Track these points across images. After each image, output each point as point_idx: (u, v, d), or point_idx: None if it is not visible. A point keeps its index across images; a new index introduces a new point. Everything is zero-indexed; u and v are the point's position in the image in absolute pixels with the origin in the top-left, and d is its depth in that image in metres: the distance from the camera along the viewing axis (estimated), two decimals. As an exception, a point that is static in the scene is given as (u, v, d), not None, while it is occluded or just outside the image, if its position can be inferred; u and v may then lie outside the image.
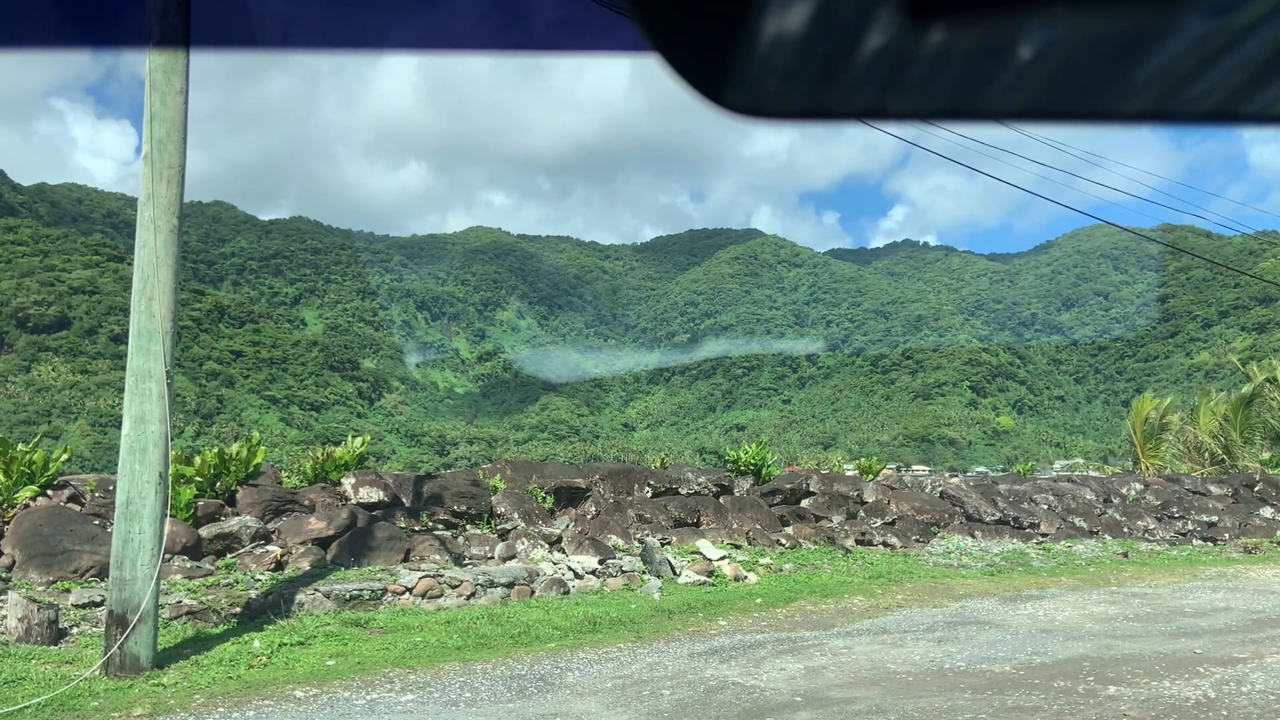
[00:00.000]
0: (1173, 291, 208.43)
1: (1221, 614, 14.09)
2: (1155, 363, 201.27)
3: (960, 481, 22.59)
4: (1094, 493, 24.09)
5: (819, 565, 16.64)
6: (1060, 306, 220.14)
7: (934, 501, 21.03)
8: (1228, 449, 38.04)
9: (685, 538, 16.60)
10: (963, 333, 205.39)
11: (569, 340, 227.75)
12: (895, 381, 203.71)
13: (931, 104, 0.74)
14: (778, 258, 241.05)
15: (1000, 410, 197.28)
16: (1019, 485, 23.50)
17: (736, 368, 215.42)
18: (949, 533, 20.32)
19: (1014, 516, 21.50)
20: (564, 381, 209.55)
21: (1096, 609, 14.46)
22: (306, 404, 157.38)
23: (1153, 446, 37.18)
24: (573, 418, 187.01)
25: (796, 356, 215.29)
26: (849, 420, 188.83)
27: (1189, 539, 22.95)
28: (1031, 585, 16.58)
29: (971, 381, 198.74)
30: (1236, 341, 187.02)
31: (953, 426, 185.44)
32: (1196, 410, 39.69)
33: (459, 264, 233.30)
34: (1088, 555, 20.23)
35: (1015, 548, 20.15)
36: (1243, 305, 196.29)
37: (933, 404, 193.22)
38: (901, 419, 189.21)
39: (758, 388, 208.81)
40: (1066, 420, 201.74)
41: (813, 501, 19.55)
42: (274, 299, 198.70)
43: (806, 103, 0.75)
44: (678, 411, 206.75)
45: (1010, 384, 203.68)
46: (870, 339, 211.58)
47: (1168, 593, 16.05)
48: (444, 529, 14.70)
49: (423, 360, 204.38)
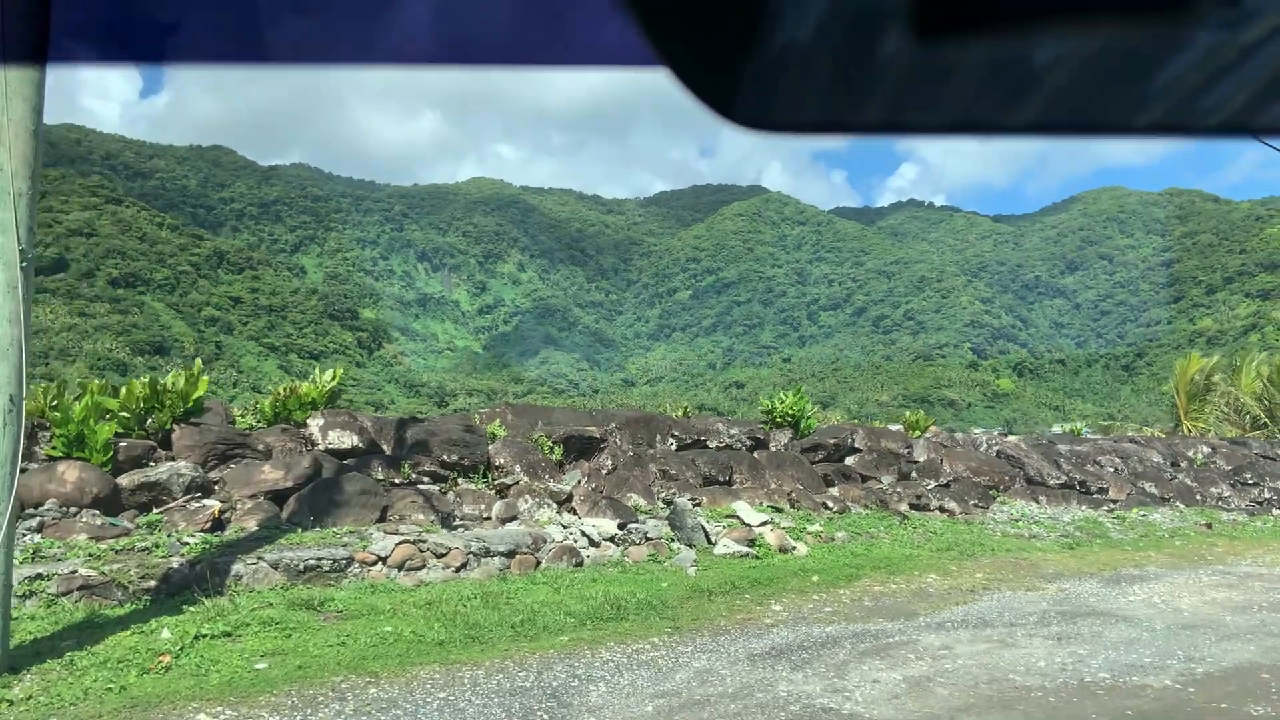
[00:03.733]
0: (1178, 256, 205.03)
1: (1375, 604, 11.41)
2: (1157, 328, 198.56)
3: (1018, 440, 19.84)
4: (1161, 455, 21.37)
5: (875, 534, 13.92)
6: (1064, 270, 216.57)
7: (991, 462, 18.29)
8: (1271, 412, 35.33)
9: (717, 498, 13.86)
10: (965, 294, 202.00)
11: (570, 294, 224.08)
12: (896, 342, 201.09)
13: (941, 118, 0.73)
14: (782, 215, 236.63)
15: (1000, 373, 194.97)
16: (1079, 446, 20.77)
17: (737, 325, 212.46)
18: (1010, 497, 17.61)
19: (1080, 480, 18.78)
20: (564, 335, 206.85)
21: (1218, 594, 11.77)
22: (305, 352, 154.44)
23: (1197, 408, 34.48)
24: (572, 372, 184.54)
25: (798, 315, 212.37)
26: (849, 380, 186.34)
27: (1268, 508, 20.28)
28: (1125, 562, 13.89)
29: (973, 343, 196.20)
30: (1240, 308, 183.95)
31: (952, 388, 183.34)
32: (1238, 371, 36.91)
33: (460, 215, 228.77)
34: (1168, 526, 17.55)
35: (1086, 515, 17.45)
36: (1248, 272, 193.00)
37: (933, 365, 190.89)
38: (901, 379, 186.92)
39: (758, 345, 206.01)
40: (1066, 384, 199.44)
41: (859, 459, 16.80)
42: (273, 246, 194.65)
43: (815, 116, 0.74)
44: (677, 368, 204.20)
45: (1011, 346, 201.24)
46: (872, 299, 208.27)
47: (1261, 573, 13.37)
48: (431, 483, 11.94)
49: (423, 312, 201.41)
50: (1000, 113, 0.74)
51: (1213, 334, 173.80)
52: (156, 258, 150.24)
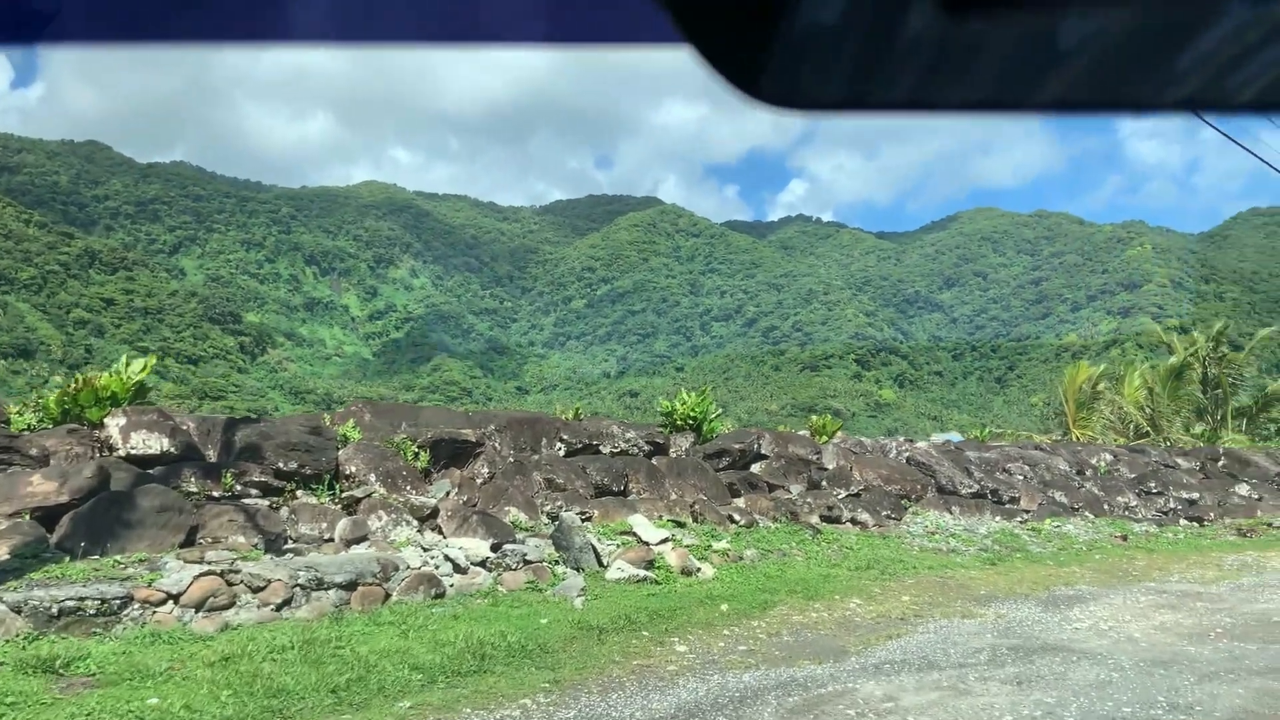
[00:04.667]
0: (1046, 275, 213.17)
1: (1330, 626, 10.20)
2: (1027, 342, 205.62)
3: (928, 447, 18.49)
4: (1067, 462, 20.38)
5: (787, 551, 12.16)
6: (942, 285, 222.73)
7: (903, 469, 16.85)
8: (1154, 421, 35.42)
9: (611, 511, 11.90)
10: (850, 307, 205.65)
11: (464, 301, 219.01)
12: (785, 353, 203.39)
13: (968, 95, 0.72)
14: (676, 227, 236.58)
15: (883, 383, 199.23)
16: (987, 452, 19.58)
17: (632, 335, 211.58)
18: (923, 507, 16.17)
19: (991, 489, 17.51)
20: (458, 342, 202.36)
21: (1164, 618, 10.41)
22: (183, 357, 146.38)
23: (1084, 416, 34.24)
24: (465, 379, 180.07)
25: (691, 325, 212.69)
26: (739, 389, 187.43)
27: (1174, 518, 19.44)
28: (1054, 580, 12.48)
29: (857, 355, 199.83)
30: (1103, 324, 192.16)
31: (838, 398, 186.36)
32: (1122, 380, 36.97)
33: (351, 219, 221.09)
34: (1084, 538, 16.38)
35: (1002, 527, 16.13)
36: (1109, 290, 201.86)
37: (820, 375, 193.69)
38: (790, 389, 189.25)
39: (653, 354, 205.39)
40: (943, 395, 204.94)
41: (765, 466, 15.09)
42: (151, 246, 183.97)
43: (840, 94, 0.72)
44: (572, 376, 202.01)
45: (893, 359, 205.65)
46: (763, 310, 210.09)
47: (1225, 592, 12.16)
48: (261, 496, 9.63)
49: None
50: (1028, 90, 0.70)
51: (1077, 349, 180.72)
52: (22, 256, 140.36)
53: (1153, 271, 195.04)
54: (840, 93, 0.73)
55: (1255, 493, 22.00)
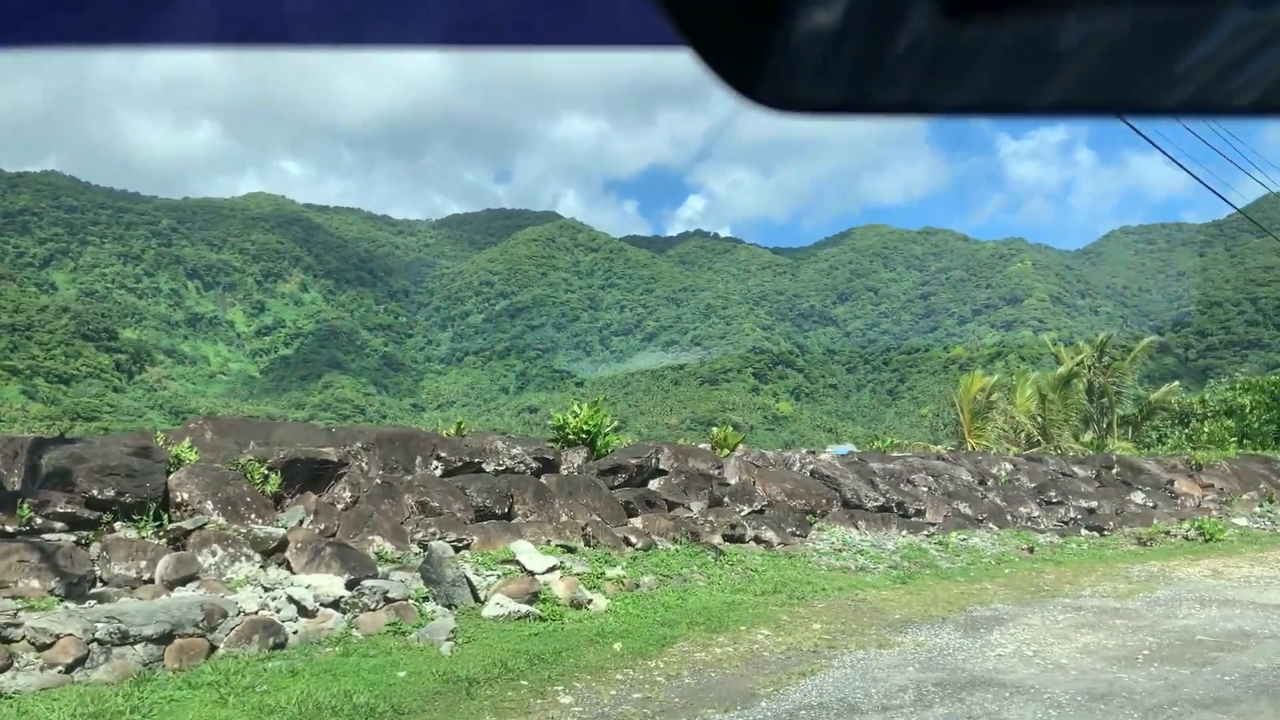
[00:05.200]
0: (934, 290, 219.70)
1: (1251, 642, 9.67)
2: (916, 355, 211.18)
3: (832, 459, 17.77)
4: (969, 473, 19.97)
5: (688, 576, 11.10)
6: (836, 300, 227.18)
7: (807, 483, 16.04)
8: (1045, 430, 35.88)
9: (493, 537, 10.65)
10: (748, 321, 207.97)
11: (358, 316, 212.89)
12: (684, 366, 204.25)
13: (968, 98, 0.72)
14: (575, 242, 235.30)
15: (780, 396, 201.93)
16: (890, 464, 18.98)
17: (531, 350, 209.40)
18: (829, 522, 15.37)
19: (897, 501, 16.86)
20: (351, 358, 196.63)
21: (1087, 639, 9.72)
22: (54, 376, 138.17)
23: (979, 426, 34.39)
24: (359, 397, 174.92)
25: (591, 340, 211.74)
26: (639, 403, 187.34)
27: (1075, 528, 19.17)
28: (968, 599, 11.75)
29: (754, 369, 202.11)
30: (987, 338, 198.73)
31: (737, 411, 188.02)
32: (1014, 390, 37.39)
33: (237, 231, 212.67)
34: (992, 551, 15.83)
35: (910, 542, 15.44)
36: (993, 305, 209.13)
37: (718, 389, 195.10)
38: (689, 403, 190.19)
39: (552, 369, 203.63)
40: (838, 407, 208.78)
41: (664, 483, 14.05)
42: (19, 260, 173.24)
43: (840, 97, 0.72)
44: (470, 392, 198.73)
45: (789, 372, 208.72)
46: (662, 324, 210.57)
47: (1142, 607, 11.62)
48: (68, 530, 8.07)
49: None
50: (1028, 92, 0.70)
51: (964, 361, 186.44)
52: None
53: (1033, 286, 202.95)
54: (840, 96, 0.72)
55: (1149, 500, 22.05)
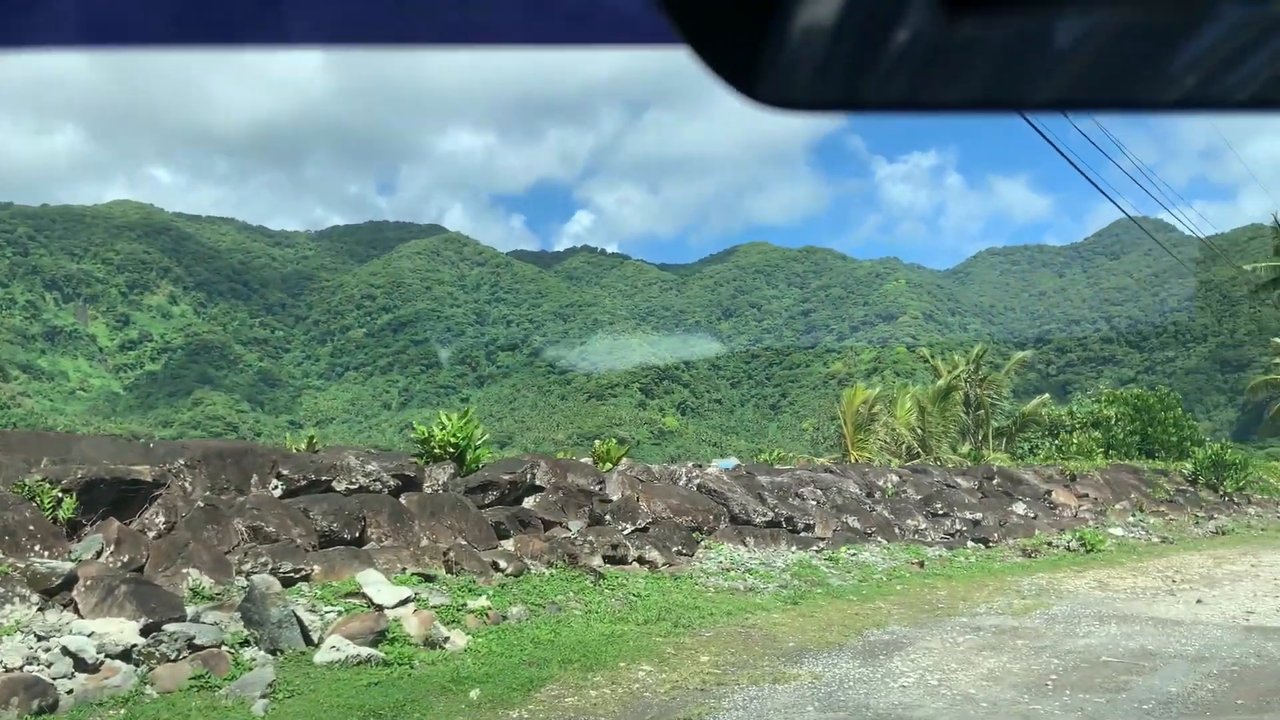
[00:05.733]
0: (814, 307, 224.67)
1: (1158, 663, 9.11)
2: (798, 370, 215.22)
3: (719, 472, 16.89)
4: (857, 485, 19.42)
5: (563, 604, 9.94)
6: (721, 316, 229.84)
7: (694, 498, 15.10)
8: (924, 442, 36.16)
9: (339, 567, 9.27)
10: (635, 336, 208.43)
11: (231, 330, 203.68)
12: (571, 382, 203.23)
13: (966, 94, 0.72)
14: (461, 255, 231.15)
15: (666, 411, 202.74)
16: (778, 476, 18.24)
17: (415, 365, 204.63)
18: (716, 540, 14.45)
19: (786, 516, 16.08)
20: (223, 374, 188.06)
21: (992, 663, 8.99)
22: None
23: (862, 438, 34.34)
24: (231, 414, 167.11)
25: (476, 355, 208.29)
26: (525, 419, 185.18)
27: (962, 540, 18.81)
28: (862, 621, 10.94)
29: (641, 384, 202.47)
30: (864, 354, 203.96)
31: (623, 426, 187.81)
32: (895, 403, 37.62)
33: (101, 241, 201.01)
34: (882, 566, 15.18)
35: (800, 559, 14.65)
36: (870, 322, 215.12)
37: (605, 404, 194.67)
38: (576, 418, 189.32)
39: (436, 385, 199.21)
40: (723, 421, 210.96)
41: (541, 500, 12.85)
42: None
43: (838, 94, 0.72)
44: (350, 409, 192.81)
45: (676, 387, 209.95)
46: (549, 340, 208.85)
47: (1040, 625, 11.03)
48: None
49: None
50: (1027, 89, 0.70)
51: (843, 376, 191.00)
52: None
53: (907, 304, 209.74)
54: (838, 93, 0.71)
55: (1030, 510, 21.99)
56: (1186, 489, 29.34)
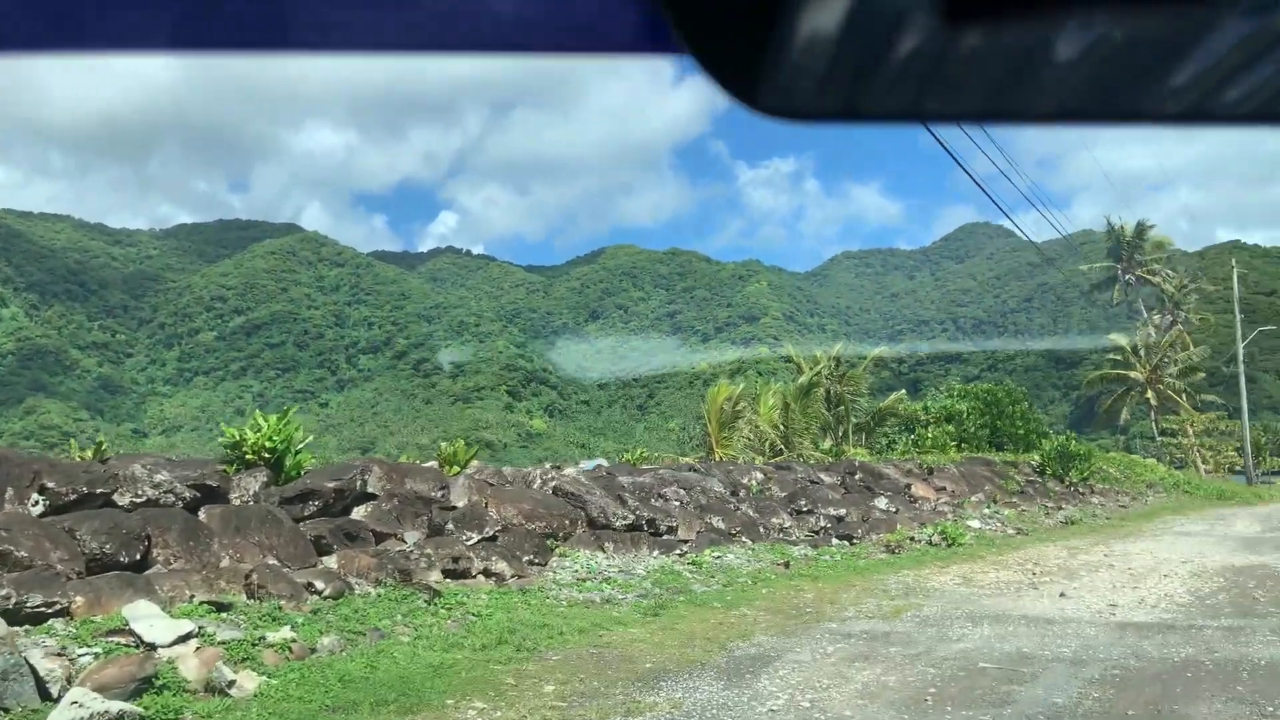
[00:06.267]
0: (679, 309, 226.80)
1: (1037, 668, 8.48)
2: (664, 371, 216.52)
3: (577, 474, 15.73)
4: (721, 484, 18.62)
5: (389, 629, 8.56)
6: (588, 318, 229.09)
7: (549, 502, 13.89)
8: (788, 439, 36.01)
9: (109, 597, 7.64)
10: (501, 339, 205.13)
11: (67, 334, 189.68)
12: (437, 385, 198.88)
13: (967, 105, 0.72)
14: (319, 256, 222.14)
15: (534, 414, 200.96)
16: (641, 477, 17.23)
17: (270, 369, 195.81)
18: (572, 546, 13.29)
19: (648, 518, 15.07)
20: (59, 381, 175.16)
21: (865, 676, 8.16)
22: None
23: (726, 436, 33.83)
24: (68, 423, 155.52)
25: (336, 358, 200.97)
26: (389, 424, 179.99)
27: (826, 538, 18.26)
28: (727, 632, 9.98)
29: (508, 386, 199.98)
30: (728, 354, 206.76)
31: (490, 429, 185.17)
32: (758, 400, 37.36)
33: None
34: (747, 569, 14.34)
35: (662, 564, 13.65)
36: (733, 323, 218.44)
37: (472, 407, 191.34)
38: (442, 422, 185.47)
39: (293, 389, 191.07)
40: (591, 423, 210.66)
41: (372, 509, 11.39)
42: None
43: (840, 104, 0.73)
44: (200, 416, 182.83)
45: (543, 389, 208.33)
46: (413, 342, 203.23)
47: (912, 629, 10.32)
48: None
49: None
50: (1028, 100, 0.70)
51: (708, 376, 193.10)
52: None
53: (768, 306, 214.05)
54: (840, 103, 0.71)
55: (892, 505, 21.74)
56: (1035, 480, 30.02)
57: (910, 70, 0.67)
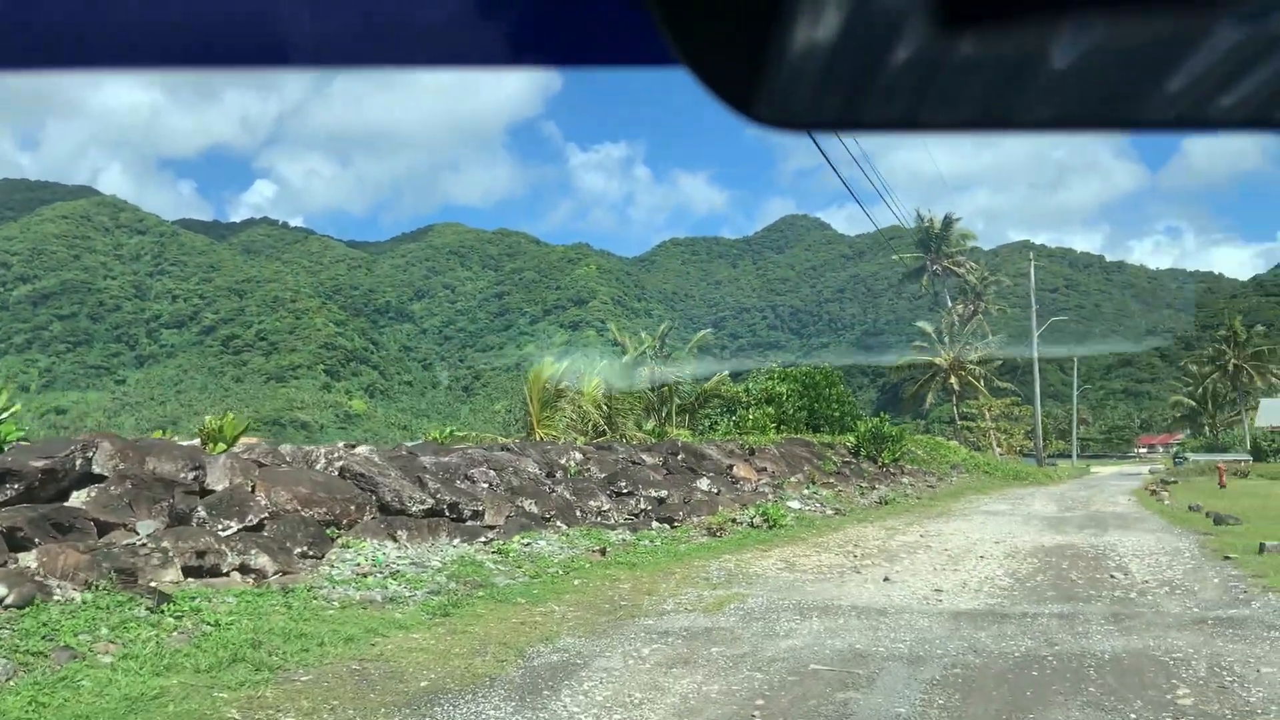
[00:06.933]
0: (508, 290, 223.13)
1: (873, 669, 7.49)
2: (491, 353, 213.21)
3: (370, 452, 13.83)
4: (537, 464, 17.14)
5: (85, 647, 6.60)
6: (413, 297, 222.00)
7: (332, 485, 12.00)
8: (611, 419, 34.93)
9: None
10: (320, 316, 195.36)
11: None
12: (248, 363, 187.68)
13: (963, 114, 0.71)
14: (117, 222, 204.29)
15: (353, 394, 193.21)
16: (447, 456, 15.50)
17: (59, 342, 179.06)
18: (359, 535, 11.47)
19: (451, 502, 13.38)
20: None
21: (684, 686, 6.92)
22: None
23: (548, 416, 32.34)
24: None
25: (135, 332, 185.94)
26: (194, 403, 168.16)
27: (646, 521, 17.13)
28: (530, 634, 8.53)
29: (326, 365, 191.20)
30: (557, 337, 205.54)
31: (306, 409, 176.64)
32: (581, 379, 36.09)
33: None
34: (560, 556, 12.94)
35: (462, 553, 12.03)
36: (561, 305, 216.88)
37: (286, 387, 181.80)
38: (253, 402, 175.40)
39: (86, 365, 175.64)
40: (414, 404, 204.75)
41: (98, 495, 9.23)
42: None
43: (837, 114, 0.72)
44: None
45: (364, 369, 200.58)
46: (223, 317, 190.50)
47: (736, 624, 9.18)
48: None
49: None
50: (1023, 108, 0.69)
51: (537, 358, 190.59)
52: None
53: (597, 289, 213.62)
54: (836, 112, 0.70)
55: (714, 486, 20.92)
56: (851, 461, 30.18)
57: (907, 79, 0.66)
